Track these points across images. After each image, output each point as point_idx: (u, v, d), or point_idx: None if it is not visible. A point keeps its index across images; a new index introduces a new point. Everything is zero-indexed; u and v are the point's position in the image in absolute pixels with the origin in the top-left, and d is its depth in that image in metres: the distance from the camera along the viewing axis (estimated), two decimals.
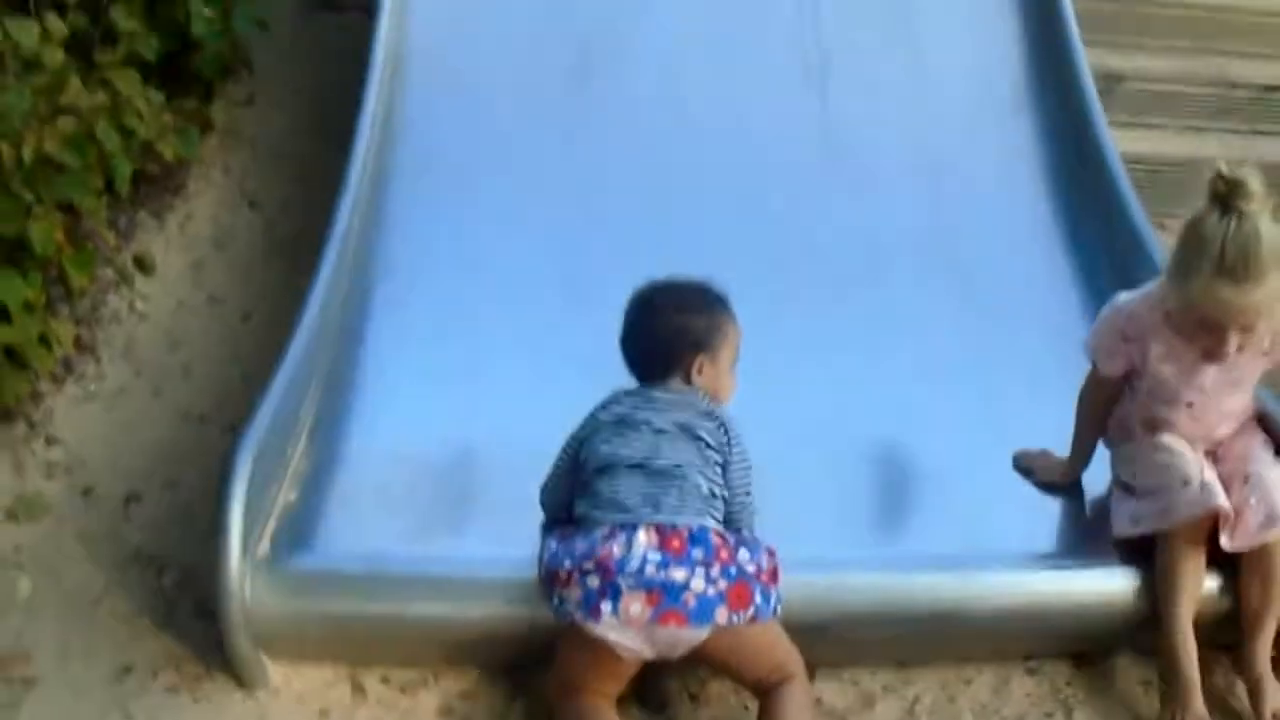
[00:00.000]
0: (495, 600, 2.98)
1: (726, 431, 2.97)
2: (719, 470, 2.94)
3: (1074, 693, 3.20)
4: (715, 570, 2.75)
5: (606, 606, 2.73)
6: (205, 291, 4.42)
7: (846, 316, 3.98)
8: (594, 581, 2.75)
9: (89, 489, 3.63)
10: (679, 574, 2.73)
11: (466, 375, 3.67)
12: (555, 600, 2.82)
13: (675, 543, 2.77)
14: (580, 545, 2.82)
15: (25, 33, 3.94)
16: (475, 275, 4.02)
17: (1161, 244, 4.12)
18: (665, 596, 2.72)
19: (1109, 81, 5.19)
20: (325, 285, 3.67)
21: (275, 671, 3.06)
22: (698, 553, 2.77)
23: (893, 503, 3.48)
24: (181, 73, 4.91)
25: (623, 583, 2.73)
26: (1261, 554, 3.10)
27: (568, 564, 2.80)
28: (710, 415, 2.97)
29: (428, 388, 3.65)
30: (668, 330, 3.04)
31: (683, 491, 2.86)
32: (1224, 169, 2.97)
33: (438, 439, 3.47)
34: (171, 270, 4.44)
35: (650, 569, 2.74)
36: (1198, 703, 3.03)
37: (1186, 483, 3.15)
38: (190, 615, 3.23)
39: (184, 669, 3.09)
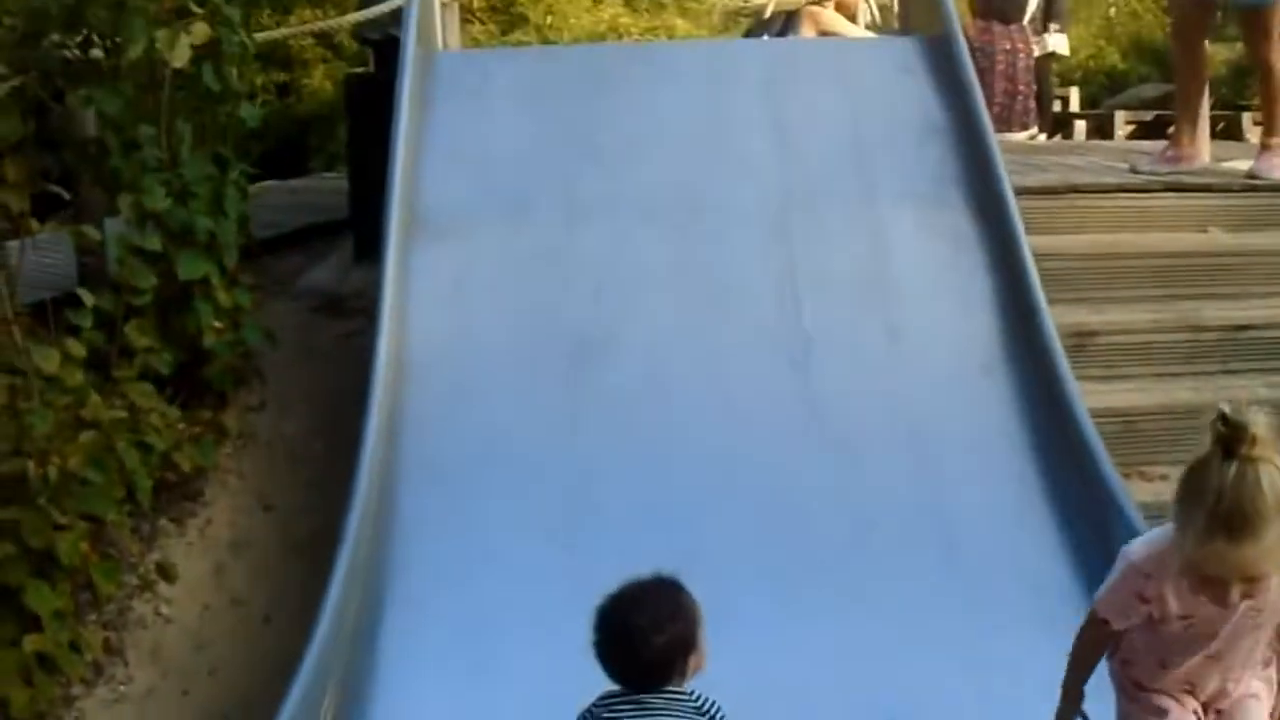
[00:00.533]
0: None
1: None
2: None
3: None
4: None
5: None
6: (227, 594, 4.65)
7: (833, 586, 4.16)
8: None
9: None
10: None
11: (479, 672, 3.84)
12: None
13: None
14: None
15: (48, 359, 4.23)
16: (484, 572, 4.21)
17: (1132, 497, 4.34)
18: None
19: (1081, 338, 5.40)
20: (339, 590, 3.88)
21: None
22: None
23: None
24: (195, 382, 5.19)
25: None
26: None
27: None
28: (700, 712, 3.00)
29: (441, 687, 3.83)
30: (658, 650, 2.99)
31: None
32: (1227, 410, 2.71)
33: None
34: (193, 575, 4.66)
35: None
36: None
37: None
38: None
39: None
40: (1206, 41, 7.20)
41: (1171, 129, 7.41)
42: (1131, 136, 11.73)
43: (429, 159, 5.52)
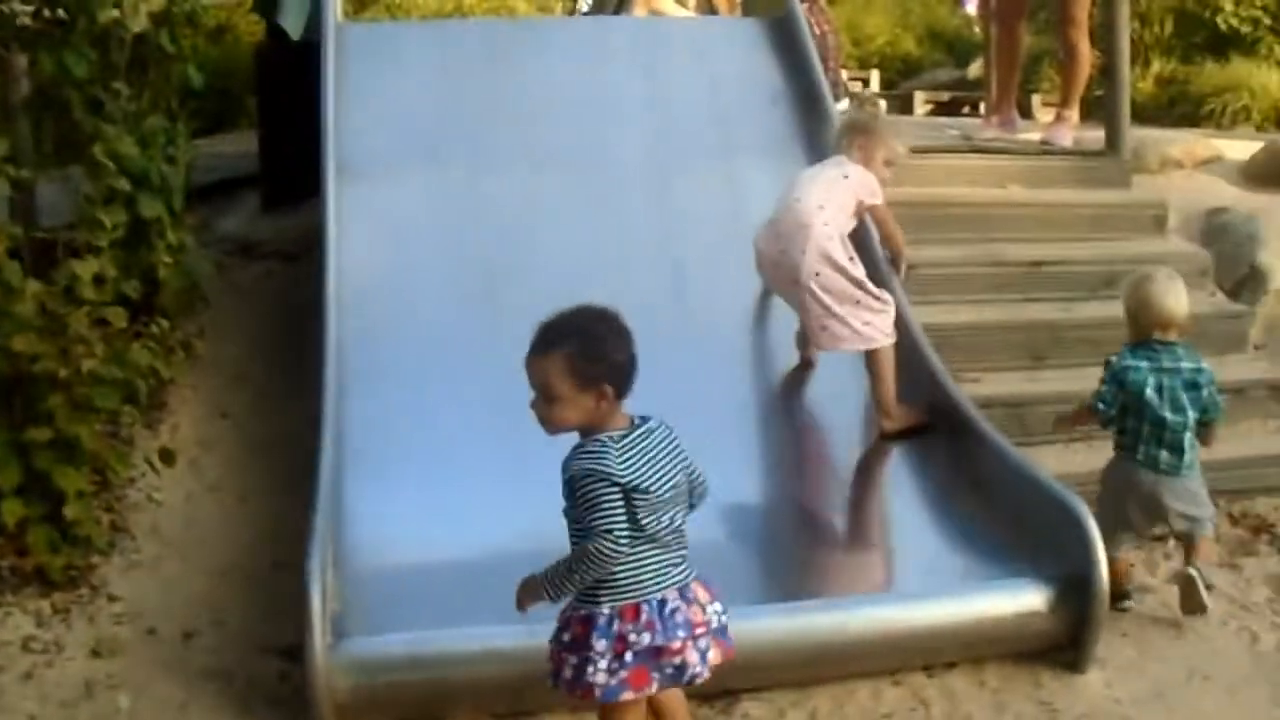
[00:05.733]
0: (513, 664, 3.97)
1: None
2: None
3: (929, 694, 4.33)
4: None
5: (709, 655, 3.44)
6: (204, 483, 5.45)
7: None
8: (703, 643, 3.38)
9: (152, 630, 4.62)
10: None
11: (439, 495, 4.78)
12: (669, 669, 3.34)
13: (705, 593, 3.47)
14: (681, 615, 3.33)
15: (85, 268, 5.05)
16: (432, 453, 5.11)
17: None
18: (725, 638, 3.50)
19: (909, 270, 6.21)
20: (329, 444, 4.76)
21: None
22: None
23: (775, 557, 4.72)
24: (150, 310, 5.93)
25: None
26: None
27: (681, 634, 3.33)
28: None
29: (410, 502, 4.77)
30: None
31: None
32: None
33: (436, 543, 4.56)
34: (175, 468, 5.43)
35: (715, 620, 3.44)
36: None
37: None
38: (264, 705, 4.23)
39: None
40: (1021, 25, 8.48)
41: (982, 105, 8.77)
42: (931, 115, 13.03)
43: (350, 116, 6.37)
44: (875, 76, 16.46)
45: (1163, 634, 4.77)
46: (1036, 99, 12.93)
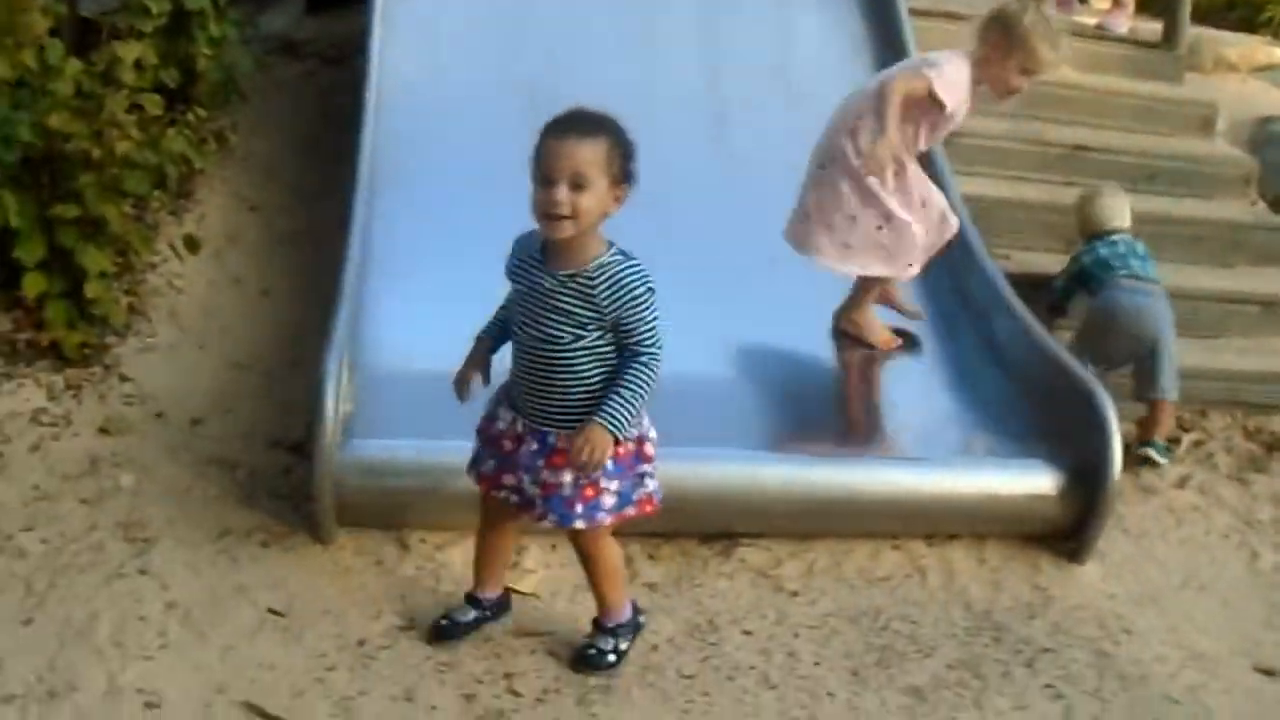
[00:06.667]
0: None
1: None
2: None
3: (927, 563, 4.35)
4: None
5: None
6: (227, 274, 5.43)
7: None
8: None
9: (161, 413, 4.63)
10: None
11: (461, 305, 4.63)
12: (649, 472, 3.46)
13: None
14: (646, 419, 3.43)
15: (127, 49, 5.03)
16: (458, 238, 5.04)
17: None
18: None
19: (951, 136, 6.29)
20: (355, 244, 4.74)
21: (341, 533, 4.06)
22: None
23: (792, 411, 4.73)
24: (186, 100, 5.89)
25: None
26: None
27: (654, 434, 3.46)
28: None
29: (431, 310, 4.71)
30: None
31: None
32: None
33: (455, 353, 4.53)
34: (198, 257, 5.40)
35: None
36: None
37: None
38: (267, 497, 4.25)
39: (271, 531, 4.09)
40: None
41: None
42: None
43: None
44: None
45: (1164, 538, 4.78)
46: None
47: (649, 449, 3.42)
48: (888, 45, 6.36)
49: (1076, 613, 4.20)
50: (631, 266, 3.26)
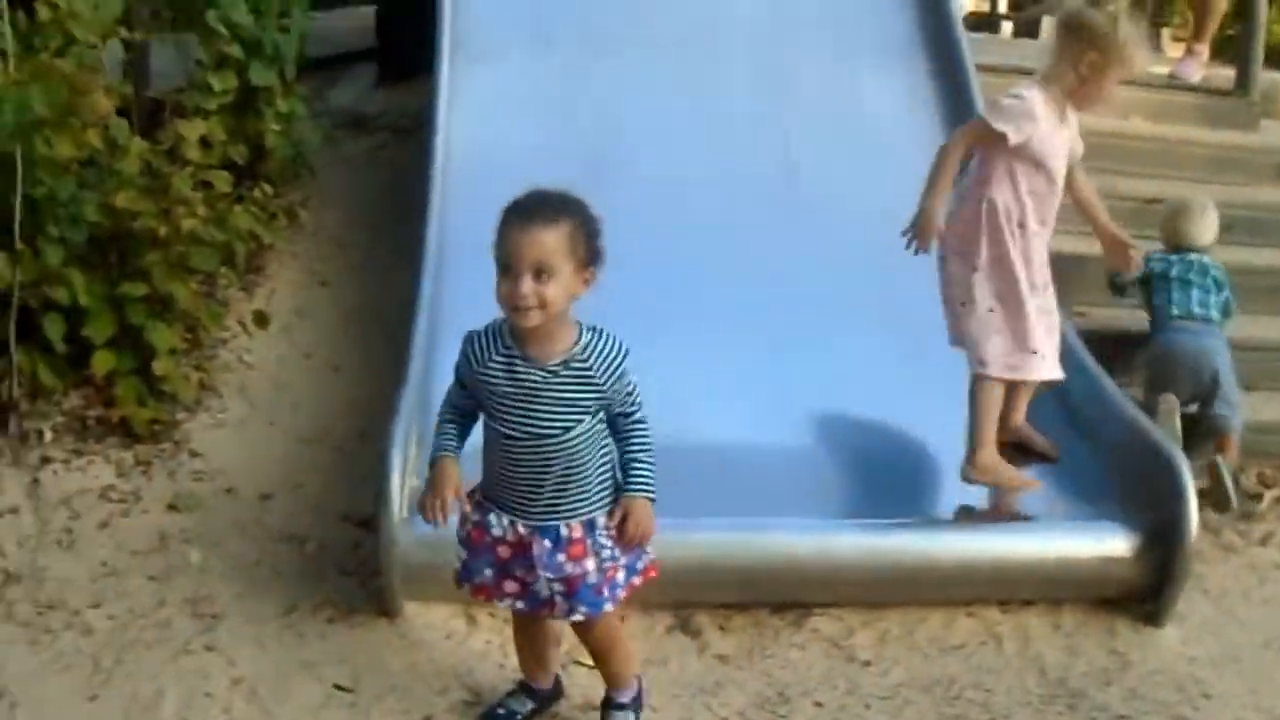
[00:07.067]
0: None
1: None
2: None
3: (1002, 630, 4.26)
4: None
5: None
6: (298, 349, 5.45)
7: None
8: None
9: (230, 489, 4.64)
10: None
11: None
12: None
13: None
14: None
15: (190, 129, 5.06)
16: None
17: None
18: None
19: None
20: (423, 318, 4.77)
21: (409, 607, 4.03)
22: None
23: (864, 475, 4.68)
24: (254, 176, 5.94)
25: None
26: None
27: None
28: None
29: None
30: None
31: None
32: None
33: None
34: (268, 332, 5.43)
35: None
36: None
37: None
38: (335, 573, 4.24)
39: (338, 606, 4.07)
40: None
41: None
42: None
43: None
44: None
45: (1246, 598, 4.65)
46: (1167, 33, 12.60)
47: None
48: (956, 102, 6.29)
49: (1154, 677, 4.10)
50: (611, 337, 3.18)
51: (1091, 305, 5.87)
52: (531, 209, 3.06)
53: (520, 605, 3.34)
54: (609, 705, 3.56)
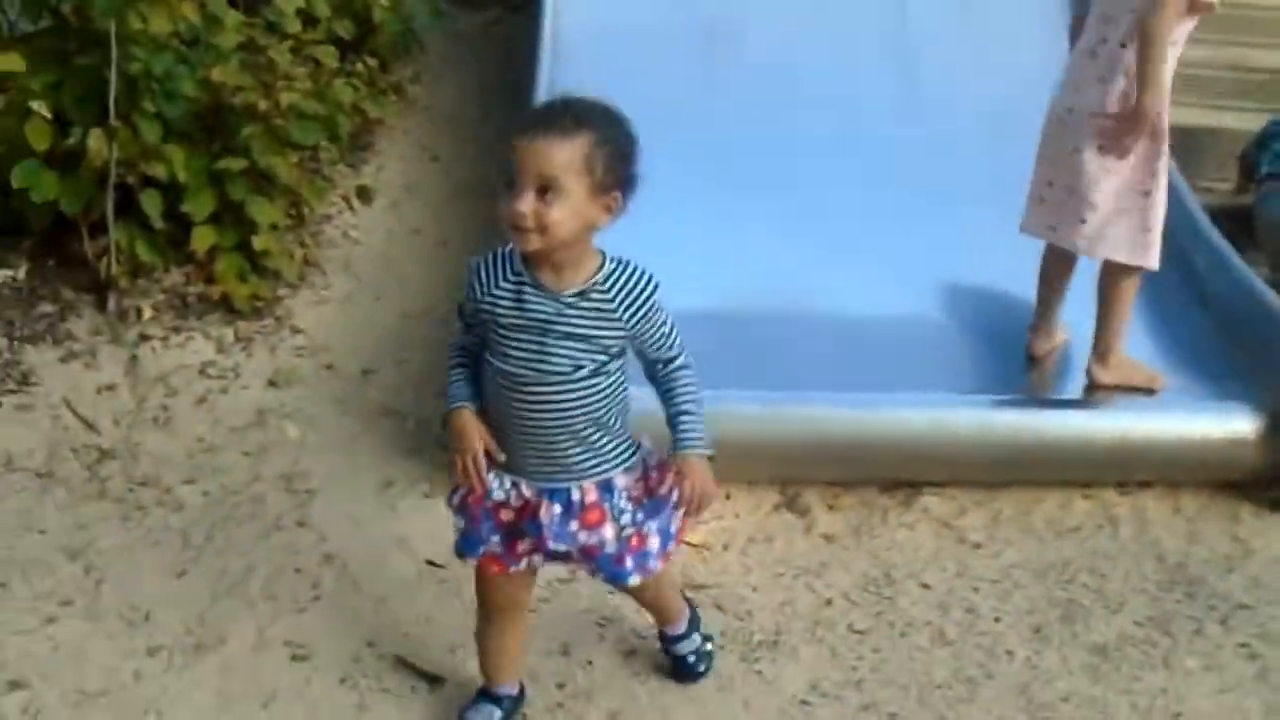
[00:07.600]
0: None
1: None
2: None
3: (1120, 513, 4.08)
4: None
5: None
6: (405, 225, 5.37)
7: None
8: None
9: (331, 365, 4.58)
10: None
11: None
12: None
13: None
14: None
15: (289, 1, 4.90)
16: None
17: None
18: None
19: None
20: None
21: None
22: None
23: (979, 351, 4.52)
24: (363, 51, 5.84)
25: None
26: None
27: None
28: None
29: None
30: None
31: None
32: None
33: None
34: (374, 208, 5.36)
35: None
36: None
37: None
38: (434, 448, 4.15)
39: (435, 481, 3.99)
40: None
41: None
42: None
43: None
44: None
45: None
46: None
47: (654, 476, 2.84)
48: None
49: (1277, 566, 3.89)
50: (637, 269, 2.70)
51: (1214, 180, 5.60)
52: (549, 117, 2.57)
53: (536, 562, 2.90)
54: (667, 640, 3.31)
